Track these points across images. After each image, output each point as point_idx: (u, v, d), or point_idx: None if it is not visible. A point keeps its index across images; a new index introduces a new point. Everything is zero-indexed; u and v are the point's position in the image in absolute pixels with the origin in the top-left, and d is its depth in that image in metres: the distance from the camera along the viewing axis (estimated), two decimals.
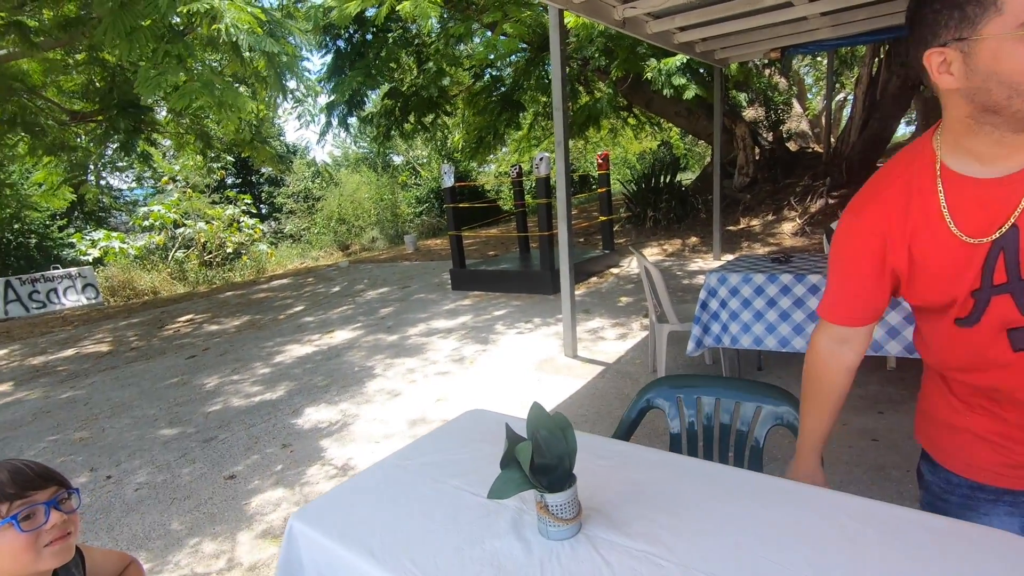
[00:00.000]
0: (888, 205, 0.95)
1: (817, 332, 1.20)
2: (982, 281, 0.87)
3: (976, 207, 0.86)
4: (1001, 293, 0.85)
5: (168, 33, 5.52)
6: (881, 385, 3.21)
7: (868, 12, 5.11)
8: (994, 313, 0.87)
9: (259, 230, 15.36)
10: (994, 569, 0.80)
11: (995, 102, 0.77)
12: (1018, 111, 0.76)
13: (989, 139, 0.82)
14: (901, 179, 0.94)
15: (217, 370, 4.92)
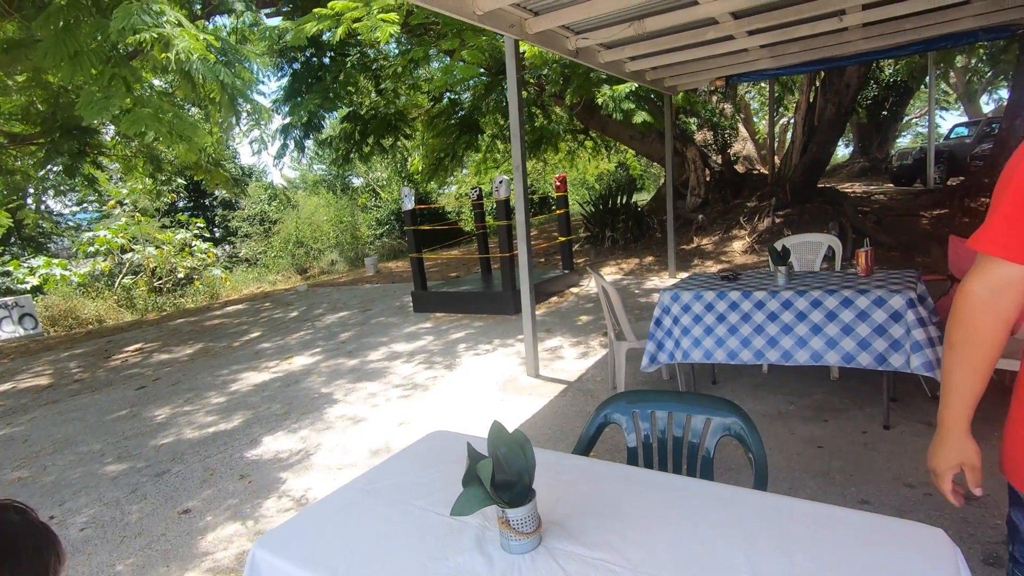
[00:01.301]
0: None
1: (973, 278, 0.96)
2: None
3: None
4: None
5: (115, 56, 5.41)
6: (826, 395, 3.39)
7: (802, 45, 5.49)
8: None
9: (212, 254, 14.91)
10: (912, 557, 0.89)
11: None
12: None
13: None
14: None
15: (169, 401, 4.75)
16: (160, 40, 4.73)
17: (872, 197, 10.71)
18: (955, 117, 25.62)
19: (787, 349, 2.98)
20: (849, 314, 2.82)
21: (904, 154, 13.11)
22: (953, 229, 7.25)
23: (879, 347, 2.75)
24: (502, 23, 3.90)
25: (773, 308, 3.00)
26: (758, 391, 3.55)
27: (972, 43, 5.93)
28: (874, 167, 15.81)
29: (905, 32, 5.23)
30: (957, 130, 13.68)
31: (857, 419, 3.03)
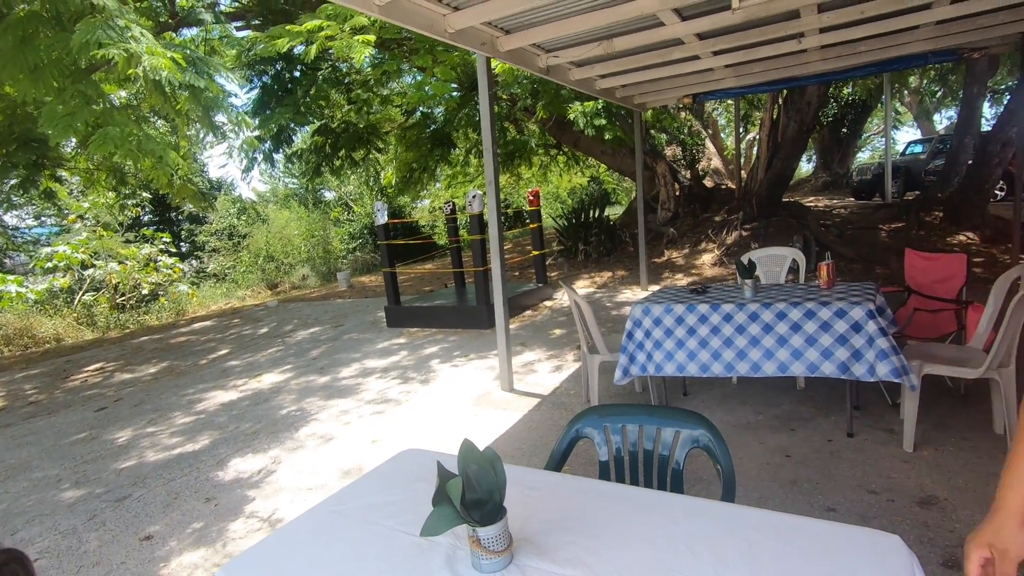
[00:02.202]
0: None
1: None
2: None
3: None
4: None
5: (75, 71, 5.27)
6: (793, 405, 3.47)
7: (764, 66, 5.69)
8: None
9: (179, 270, 14.52)
10: (870, 565, 0.92)
11: None
12: None
13: None
14: None
15: (131, 422, 4.59)
16: (126, 56, 4.64)
17: (834, 211, 11.09)
18: (910, 134, 26.78)
19: (755, 361, 3.05)
20: (812, 325, 2.90)
21: (864, 169, 13.64)
22: (909, 242, 7.55)
23: (841, 356, 2.83)
24: (474, 41, 3.95)
25: (741, 321, 3.07)
26: (727, 402, 3.61)
27: (922, 65, 6.23)
28: (836, 182, 16.39)
29: (860, 54, 5.47)
30: (912, 147, 14.32)
31: (823, 428, 3.11)
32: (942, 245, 7.73)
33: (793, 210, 9.29)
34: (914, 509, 2.28)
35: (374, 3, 3.14)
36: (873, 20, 4.40)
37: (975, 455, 2.65)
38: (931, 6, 4.15)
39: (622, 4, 3.67)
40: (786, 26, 4.36)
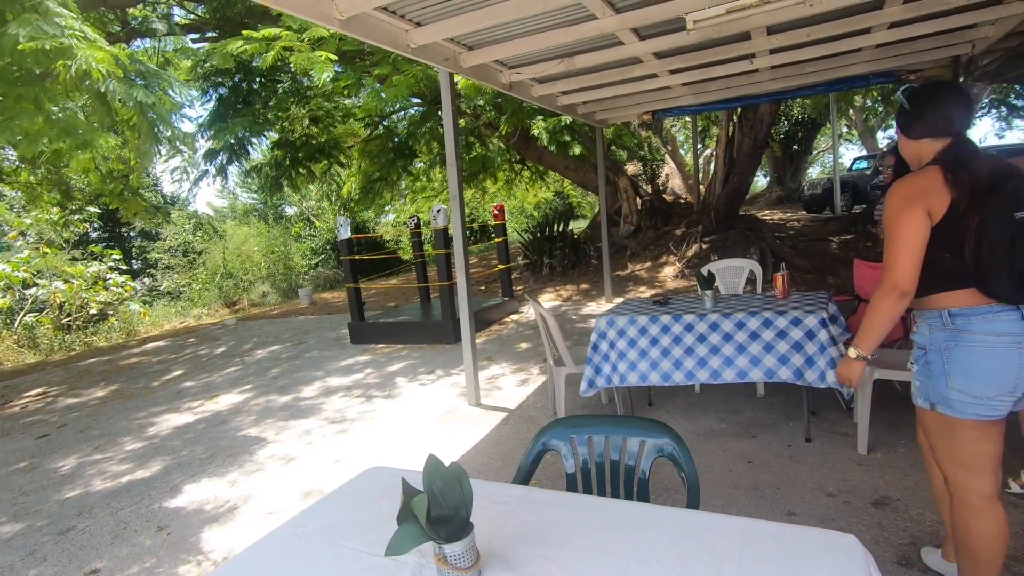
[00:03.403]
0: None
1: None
2: None
3: None
4: None
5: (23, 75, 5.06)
6: (754, 412, 3.56)
7: (719, 84, 5.91)
8: None
9: (130, 288, 13.92)
10: (827, 565, 0.95)
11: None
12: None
13: None
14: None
15: (76, 449, 4.34)
16: (61, 52, 4.46)
17: (788, 224, 11.53)
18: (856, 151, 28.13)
19: (715, 368, 3.12)
20: (770, 333, 2.99)
21: (814, 184, 14.25)
22: (858, 253, 7.90)
23: (797, 362, 2.93)
24: (436, 56, 3.97)
25: (702, 330, 3.14)
26: (691, 411, 3.67)
27: (865, 86, 6.58)
28: (789, 196, 17.06)
29: (808, 75, 5.74)
30: (858, 163, 15.05)
31: (782, 433, 3.20)
32: None
33: (749, 223, 9.61)
34: (869, 510, 2.36)
35: (335, 17, 3.12)
36: (818, 43, 4.63)
37: (923, 456, 2.76)
38: (871, 30, 4.40)
39: (582, 23, 3.76)
40: (738, 47, 4.55)
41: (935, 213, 1.51)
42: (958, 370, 1.53)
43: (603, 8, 3.50)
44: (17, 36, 4.23)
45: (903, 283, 1.53)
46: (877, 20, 4.06)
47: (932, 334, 1.60)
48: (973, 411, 1.53)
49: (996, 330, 1.49)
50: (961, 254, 1.50)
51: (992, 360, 1.49)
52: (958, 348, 1.53)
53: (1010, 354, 1.48)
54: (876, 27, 4.29)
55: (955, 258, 1.52)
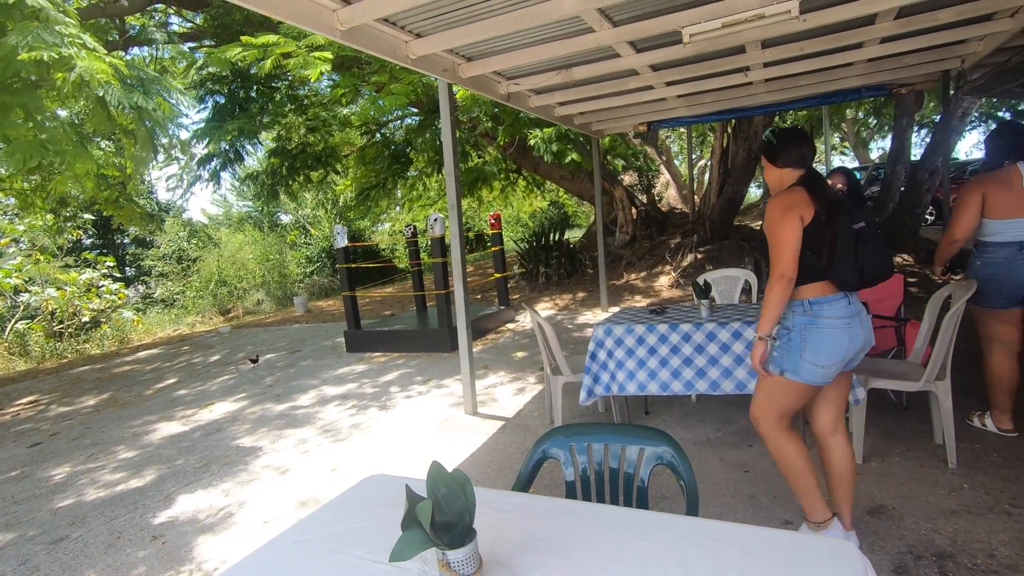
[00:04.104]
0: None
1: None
2: None
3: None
4: None
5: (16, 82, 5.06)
6: (749, 421, 3.56)
7: (714, 96, 5.98)
8: None
9: (123, 295, 13.84)
10: (828, 571, 0.96)
11: None
12: None
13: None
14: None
15: (69, 458, 4.30)
16: (61, 62, 4.48)
17: None
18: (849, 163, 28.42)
19: (714, 379, 3.13)
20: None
21: None
22: None
23: None
24: (435, 67, 4.01)
25: (699, 340, 3.17)
26: (688, 420, 3.69)
27: (857, 99, 6.68)
28: None
29: (801, 87, 5.83)
30: None
31: None
32: None
33: (744, 233, 9.68)
34: (865, 518, 2.37)
35: (336, 28, 3.16)
36: (811, 56, 4.71)
37: (918, 464, 2.78)
38: (863, 45, 4.47)
39: (580, 36, 3.81)
40: (733, 60, 4.61)
41: (804, 221, 1.93)
42: (811, 347, 1.97)
43: (601, 21, 3.54)
44: (15, 46, 4.24)
45: (788, 272, 1.93)
46: (868, 35, 4.13)
47: (795, 318, 2.03)
48: (812, 377, 1.98)
49: (836, 314, 1.95)
50: (819, 254, 1.94)
51: (834, 338, 1.95)
52: (813, 329, 1.97)
53: (843, 332, 1.95)
54: (868, 42, 4.37)
55: (815, 257, 1.95)
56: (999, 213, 2.76)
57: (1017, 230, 2.75)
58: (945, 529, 2.24)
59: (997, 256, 2.80)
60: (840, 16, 3.63)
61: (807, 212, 1.93)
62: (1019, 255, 2.74)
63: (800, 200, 1.95)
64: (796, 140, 2.06)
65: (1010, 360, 2.90)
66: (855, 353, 2.00)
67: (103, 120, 6.03)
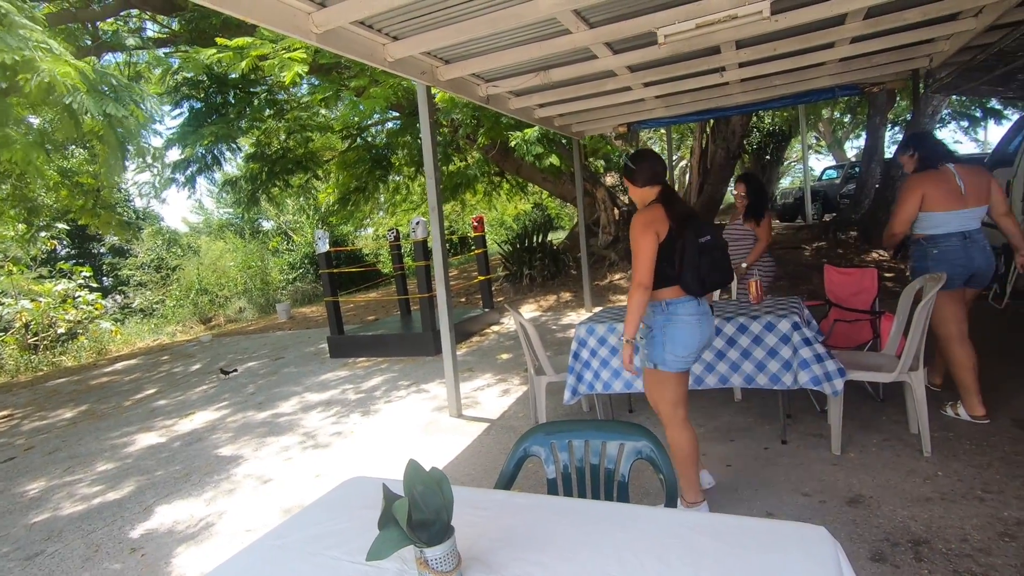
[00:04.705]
0: None
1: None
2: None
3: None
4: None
5: None
6: (731, 416, 3.61)
7: (691, 97, 6.06)
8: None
9: (100, 306, 13.56)
10: (799, 555, 0.98)
11: None
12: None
13: None
14: None
15: (44, 472, 4.20)
16: (25, 65, 4.39)
17: None
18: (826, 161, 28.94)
19: (698, 375, 3.16)
20: (746, 339, 3.05)
21: (786, 193, 14.61)
22: (830, 260, 8.11)
23: (773, 368, 2.99)
24: (414, 70, 4.01)
25: None
26: None
27: (830, 98, 6.81)
28: None
29: (776, 87, 5.93)
30: (827, 173, 15.49)
31: (759, 437, 3.26)
32: (858, 261, 8.34)
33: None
34: (844, 508, 2.41)
35: (312, 31, 3.14)
36: (785, 56, 4.79)
37: (894, 454, 2.84)
38: (834, 45, 4.57)
39: (557, 37, 3.84)
40: (709, 60, 4.68)
41: (660, 235, 2.22)
42: (670, 340, 2.29)
43: (577, 23, 3.57)
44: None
45: (645, 281, 2.21)
46: (839, 35, 4.22)
47: (655, 318, 2.33)
48: (677, 366, 2.32)
49: (688, 312, 2.28)
50: (672, 263, 2.24)
51: (688, 332, 2.28)
52: (671, 326, 2.29)
53: (695, 327, 2.29)
54: (839, 42, 4.46)
55: (668, 266, 2.24)
56: (941, 206, 3.03)
57: (959, 220, 3.02)
58: (920, 516, 2.29)
59: (949, 244, 3.08)
60: (810, 16, 3.70)
61: (663, 228, 2.23)
62: (965, 243, 3.04)
63: (658, 217, 2.24)
64: (649, 161, 2.35)
65: (964, 339, 3.11)
66: (705, 344, 2.37)
67: (71, 128, 5.92)
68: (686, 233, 2.22)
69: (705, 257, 2.21)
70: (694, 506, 2.44)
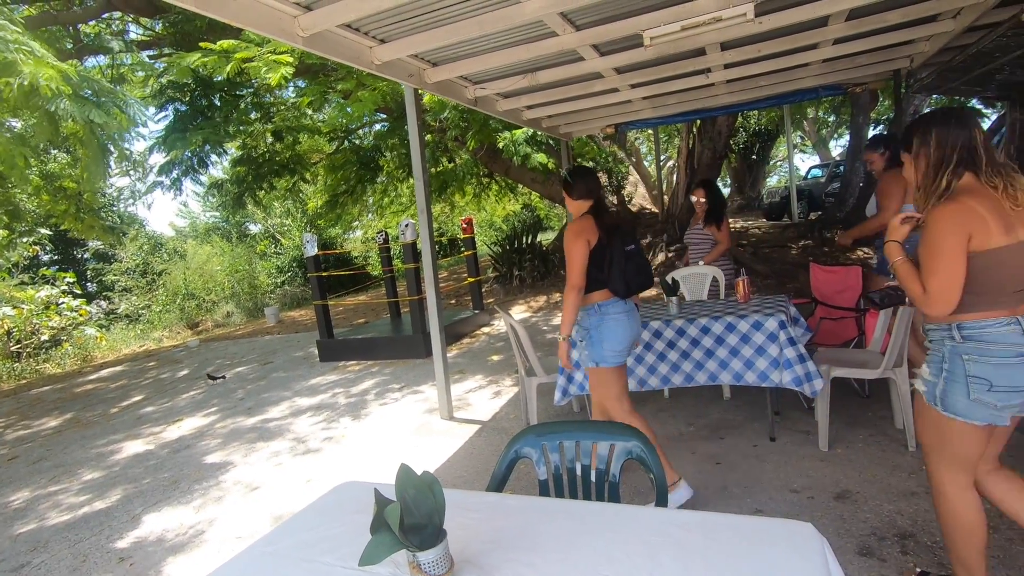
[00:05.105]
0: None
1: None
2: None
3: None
4: None
5: None
6: (721, 414, 3.65)
7: (678, 98, 6.10)
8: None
9: (85, 312, 13.38)
10: (787, 551, 0.99)
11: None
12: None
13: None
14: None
15: (29, 482, 4.14)
16: (6, 68, 4.33)
17: (749, 231, 11.88)
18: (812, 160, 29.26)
19: (688, 372, 3.19)
20: (734, 338, 3.08)
21: (773, 192, 14.75)
22: (816, 258, 8.21)
23: (761, 366, 3.02)
24: (401, 73, 4.00)
25: (670, 336, 3.22)
26: (661, 415, 3.74)
27: (815, 98, 6.89)
28: (749, 204, 17.60)
29: (761, 88, 5.98)
30: (813, 171, 15.66)
31: (748, 434, 3.29)
32: (844, 260, 8.45)
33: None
34: (831, 503, 2.44)
35: (298, 34, 3.13)
36: (769, 58, 4.84)
37: (880, 449, 2.88)
38: (817, 46, 4.62)
39: (544, 40, 3.85)
40: (694, 62, 4.72)
41: (591, 243, 2.44)
42: (606, 338, 2.49)
43: (563, 25, 3.59)
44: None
45: (578, 284, 2.43)
46: (822, 36, 4.27)
47: (590, 319, 2.53)
48: (615, 361, 2.52)
49: (618, 311, 2.50)
50: (601, 269, 2.46)
51: (620, 328, 2.50)
52: (604, 325, 2.49)
53: (625, 323, 2.51)
54: (822, 43, 4.52)
55: (598, 271, 2.46)
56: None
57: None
58: (906, 510, 2.33)
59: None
60: (794, 18, 3.75)
61: (593, 237, 2.45)
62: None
63: (588, 227, 2.47)
64: (585, 177, 2.58)
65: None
66: (634, 338, 2.59)
67: (50, 133, 5.83)
68: (614, 242, 2.46)
69: (630, 263, 2.47)
70: (674, 487, 2.52)
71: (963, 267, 1.50)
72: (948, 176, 1.55)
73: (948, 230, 1.50)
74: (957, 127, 1.56)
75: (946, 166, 1.55)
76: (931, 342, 1.67)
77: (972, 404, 1.54)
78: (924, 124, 1.63)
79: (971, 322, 1.54)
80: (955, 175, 1.55)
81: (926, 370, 1.67)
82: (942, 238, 1.51)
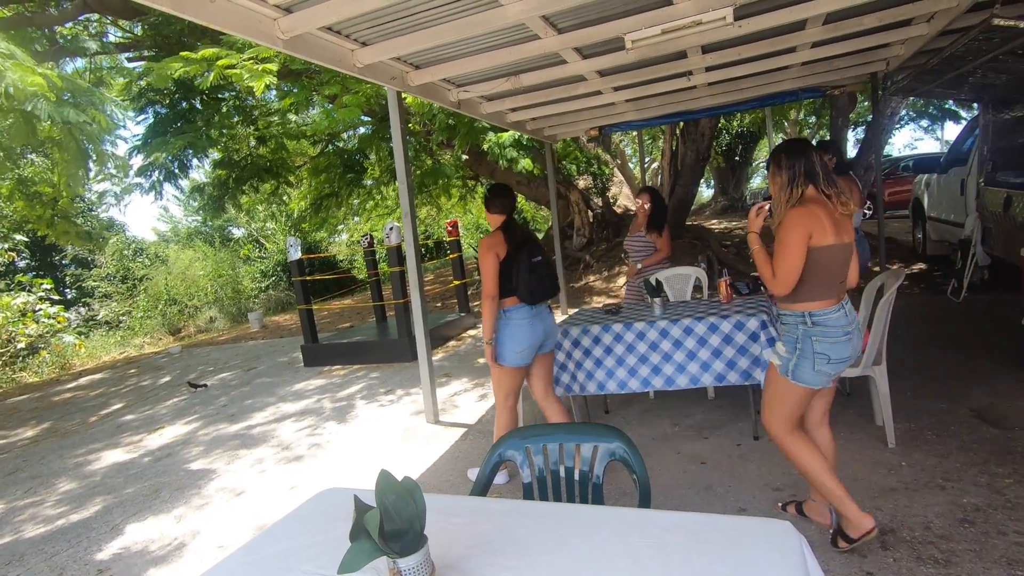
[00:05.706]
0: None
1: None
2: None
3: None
4: None
5: None
6: (705, 414, 3.68)
7: (660, 100, 6.15)
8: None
9: (63, 319, 13.11)
10: (767, 549, 1.00)
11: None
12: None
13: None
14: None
15: (4, 493, 4.04)
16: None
17: (733, 232, 12.00)
18: None
19: (669, 375, 3.21)
20: (716, 339, 3.11)
21: (756, 194, 14.95)
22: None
23: (743, 365, 3.05)
24: (383, 75, 3.99)
25: (653, 338, 3.24)
26: (646, 416, 3.76)
27: (795, 100, 7.00)
28: (732, 205, 17.78)
29: (742, 91, 6.06)
30: None
31: (732, 433, 3.32)
32: None
33: (696, 232, 9.96)
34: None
35: (278, 37, 3.10)
36: (749, 61, 4.91)
37: (861, 446, 2.92)
38: (796, 49, 4.70)
39: (526, 43, 3.86)
40: (676, 65, 4.76)
41: (500, 256, 2.75)
42: (507, 339, 2.80)
43: (545, 28, 3.60)
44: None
45: (491, 292, 2.75)
46: (800, 40, 4.34)
47: (498, 322, 2.82)
48: (513, 361, 2.82)
49: (522, 316, 2.80)
50: (510, 278, 2.76)
51: (523, 331, 2.80)
52: (508, 328, 2.81)
53: (527, 328, 2.80)
54: (800, 46, 4.59)
55: (507, 280, 2.76)
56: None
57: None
58: (886, 506, 2.36)
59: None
60: (773, 22, 3.80)
61: (502, 250, 2.77)
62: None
63: (498, 241, 2.79)
64: (501, 195, 2.89)
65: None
66: (540, 340, 2.87)
67: (26, 134, 5.70)
68: (521, 255, 2.76)
69: (535, 274, 2.77)
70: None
71: (802, 257, 1.93)
72: (798, 187, 1.98)
73: (795, 228, 1.93)
74: (798, 153, 2.01)
75: (794, 180, 1.99)
76: (784, 325, 2.10)
77: (815, 374, 2.00)
78: (777, 152, 2.09)
79: (817, 311, 1.98)
80: (802, 187, 1.98)
81: (781, 347, 2.10)
82: (790, 234, 1.94)
